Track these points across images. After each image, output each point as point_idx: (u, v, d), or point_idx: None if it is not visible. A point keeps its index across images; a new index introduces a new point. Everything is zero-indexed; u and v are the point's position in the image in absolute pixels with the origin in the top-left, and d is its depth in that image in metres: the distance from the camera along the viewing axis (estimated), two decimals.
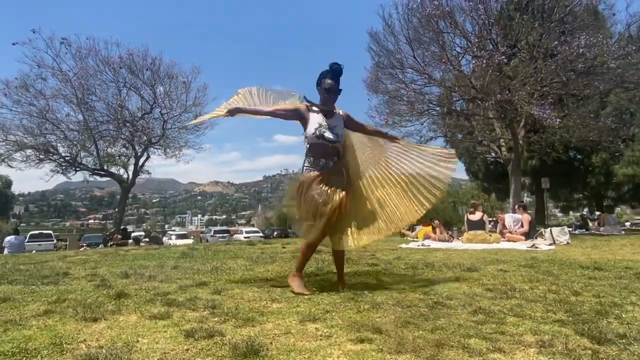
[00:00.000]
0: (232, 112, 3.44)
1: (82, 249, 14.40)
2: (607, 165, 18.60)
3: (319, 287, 3.32)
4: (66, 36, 20.92)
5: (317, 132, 3.22)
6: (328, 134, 3.22)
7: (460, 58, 13.29)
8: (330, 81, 3.28)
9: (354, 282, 3.62)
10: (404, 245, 7.98)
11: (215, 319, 2.41)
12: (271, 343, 2.00)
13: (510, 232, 8.78)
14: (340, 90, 3.34)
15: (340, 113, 3.40)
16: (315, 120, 3.27)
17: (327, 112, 3.32)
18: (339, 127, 3.31)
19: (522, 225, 8.82)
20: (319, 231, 3.16)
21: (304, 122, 3.33)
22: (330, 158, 3.28)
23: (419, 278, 3.87)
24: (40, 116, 21.05)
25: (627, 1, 19.63)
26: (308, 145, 3.30)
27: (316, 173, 3.23)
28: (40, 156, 21.81)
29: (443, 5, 12.20)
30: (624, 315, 2.51)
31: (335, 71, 3.29)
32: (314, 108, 3.34)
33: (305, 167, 3.31)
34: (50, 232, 27.93)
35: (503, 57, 11.85)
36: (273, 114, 3.53)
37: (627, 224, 25.34)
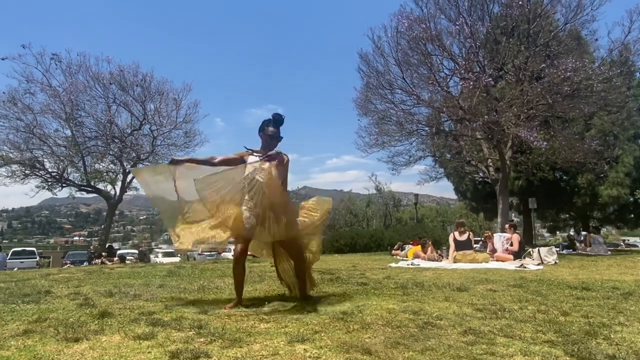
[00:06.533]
0: (178, 162, 3.76)
1: (66, 266, 14.09)
2: (593, 186, 18.88)
3: (304, 306, 3.28)
4: (57, 52, 20.92)
5: (250, 175, 3.48)
6: (259, 177, 3.47)
7: (448, 80, 13.54)
8: (273, 129, 3.66)
9: (343, 302, 3.59)
10: (393, 265, 7.96)
11: (202, 340, 2.36)
12: None
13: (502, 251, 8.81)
14: (282, 137, 3.71)
15: (279, 157, 3.64)
16: (252, 162, 3.59)
17: (266, 156, 3.61)
18: (269, 169, 3.52)
19: (511, 244, 8.86)
20: (235, 250, 3.55)
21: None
22: (265, 195, 3.47)
23: (409, 298, 3.85)
24: (27, 131, 20.81)
25: (608, 27, 20.32)
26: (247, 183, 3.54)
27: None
28: (26, 171, 21.49)
29: (431, 28, 12.49)
30: (612, 336, 2.51)
31: (277, 121, 3.68)
32: (255, 153, 3.67)
33: (245, 200, 3.52)
34: (34, 249, 27.26)
35: (490, 79, 12.10)
36: (221, 163, 3.73)
37: (622, 244, 25.33)
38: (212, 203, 3.50)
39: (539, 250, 8.40)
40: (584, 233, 13.77)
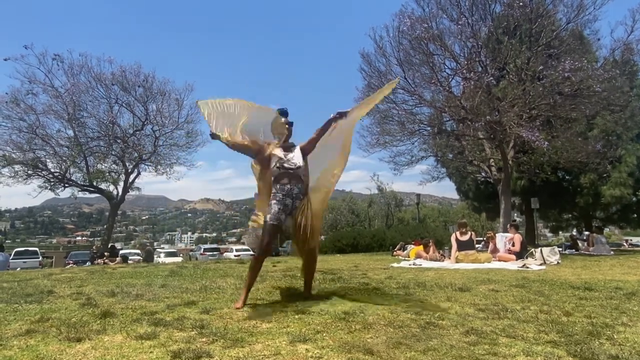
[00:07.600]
0: (214, 137, 3.88)
1: (68, 266, 14.11)
2: (595, 186, 18.83)
3: (306, 305, 3.27)
4: (59, 52, 20.95)
5: (277, 163, 3.70)
6: (287, 164, 3.70)
7: (450, 79, 13.51)
8: (285, 118, 3.90)
9: (345, 302, 3.58)
10: (395, 265, 7.95)
11: (203, 340, 2.36)
12: None
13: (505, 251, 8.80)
14: (292, 122, 3.94)
15: (296, 146, 3.88)
16: (277, 154, 3.75)
17: (286, 147, 3.83)
18: (297, 156, 3.76)
19: (513, 244, 8.84)
20: (261, 246, 3.61)
21: (268, 156, 3.80)
22: (294, 184, 3.68)
23: (411, 298, 3.84)
24: (30, 131, 20.86)
25: (611, 27, 20.24)
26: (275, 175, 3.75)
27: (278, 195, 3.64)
28: (29, 172, 21.53)
29: (432, 28, 12.47)
30: (615, 336, 2.50)
31: (285, 112, 3.94)
32: (276, 146, 3.84)
33: (273, 193, 3.71)
34: (36, 249, 27.30)
35: (492, 79, 12.08)
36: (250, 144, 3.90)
37: (625, 244, 25.12)
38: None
39: (541, 250, 8.38)
40: (586, 233, 13.73)
